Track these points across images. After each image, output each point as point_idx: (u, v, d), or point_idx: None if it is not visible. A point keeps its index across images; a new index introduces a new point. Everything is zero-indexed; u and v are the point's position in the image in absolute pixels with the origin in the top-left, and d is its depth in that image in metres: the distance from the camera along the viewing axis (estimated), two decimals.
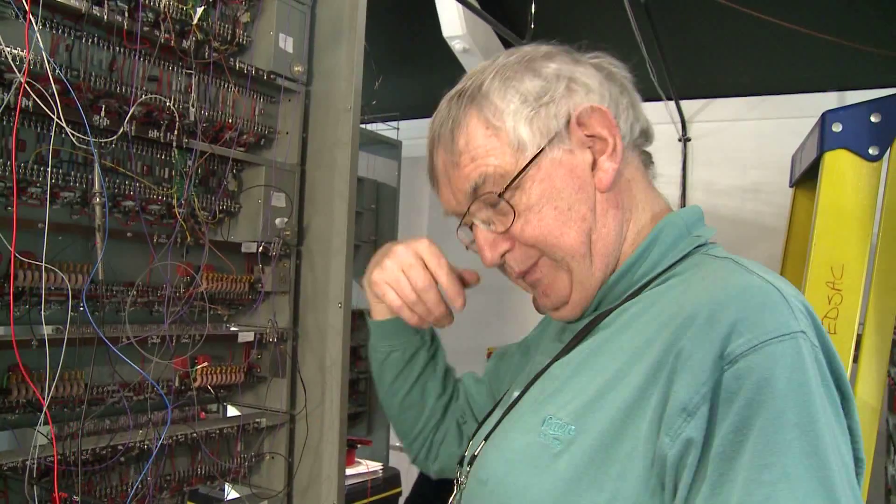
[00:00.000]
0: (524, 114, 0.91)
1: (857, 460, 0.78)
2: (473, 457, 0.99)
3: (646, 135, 1.00)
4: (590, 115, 0.92)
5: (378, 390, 1.35)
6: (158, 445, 1.64)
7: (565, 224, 0.91)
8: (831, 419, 0.73)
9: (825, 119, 1.81)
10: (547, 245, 0.93)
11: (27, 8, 1.34)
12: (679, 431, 0.75)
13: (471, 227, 1.00)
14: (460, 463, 1.08)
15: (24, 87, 1.35)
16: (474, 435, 1.10)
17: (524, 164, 0.91)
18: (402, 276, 1.13)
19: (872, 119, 1.75)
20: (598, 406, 0.83)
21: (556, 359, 0.96)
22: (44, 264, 1.41)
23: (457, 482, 1.05)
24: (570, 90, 0.93)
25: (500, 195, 0.92)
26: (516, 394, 1.01)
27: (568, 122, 0.92)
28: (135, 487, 1.66)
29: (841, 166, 1.77)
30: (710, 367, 0.74)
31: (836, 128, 1.77)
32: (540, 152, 0.91)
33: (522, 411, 0.96)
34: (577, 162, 0.92)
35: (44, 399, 1.43)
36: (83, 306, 1.54)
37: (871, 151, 1.74)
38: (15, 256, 1.32)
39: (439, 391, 1.30)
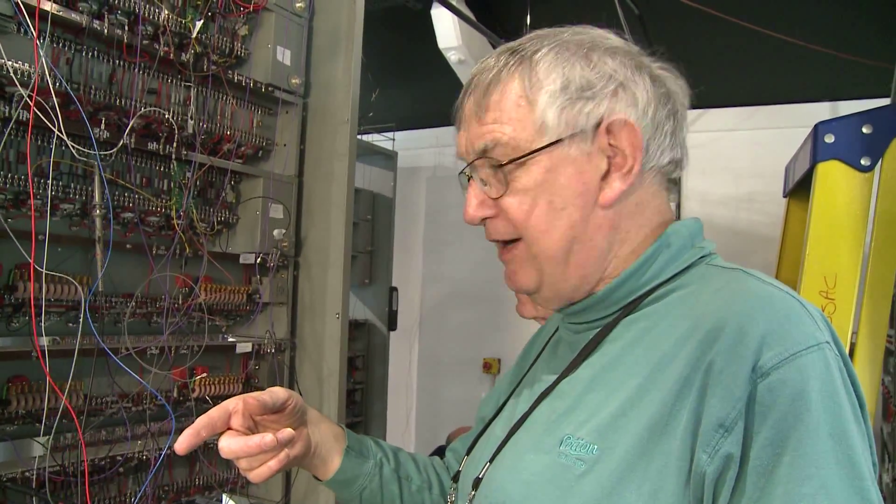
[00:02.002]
0: (560, 100, 0.88)
1: (873, 465, 0.78)
2: (478, 479, 0.96)
3: (676, 164, 0.97)
4: (621, 127, 0.88)
5: None
6: (162, 456, 1.65)
7: (552, 222, 0.89)
8: (860, 428, 0.74)
9: (818, 130, 1.83)
10: (527, 235, 0.91)
11: (33, 24, 1.35)
12: (717, 448, 0.74)
13: (469, 178, 0.97)
14: (455, 479, 1.06)
15: (27, 101, 1.37)
16: (468, 452, 1.06)
17: (538, 147, 0.88)
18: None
19: (864, 130, 1.77)
20: (622, 424, 0.81)
21: (564, 375, 0.93)
22: (44, 273, 1.42)
23: (449, 499, 1.03)
24: (616, 95, 0.89)
25: (502, 165, 0.89)
26: (520, 411, 0.97)
27: (598, 125, 0.88)
28: (133, 498, 1.66)
29: (833, 177, 1.78)
30: (743, 381, 0.73)
31: (829, 139, 1.79)
32: (557, 142, 0.88)
33: (534, 431, 0.92)
34: (590, 168, 0.89)
35: (43, 410, 1.44)
36: (83, 317, 1.55)
37: (863, 162, 1.76)
38: (33, 268, 1.33)
39: (426, 490, 1.19)
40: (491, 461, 0.96)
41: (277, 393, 0.99)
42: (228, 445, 0.94)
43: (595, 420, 0.84)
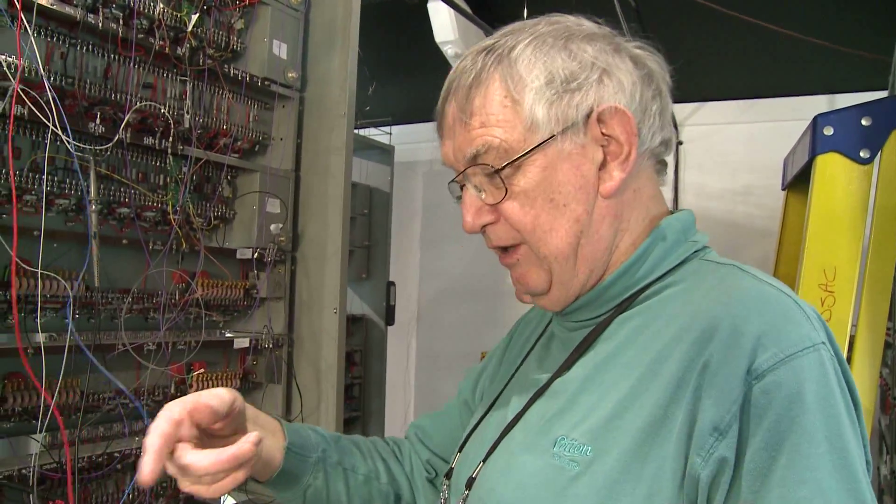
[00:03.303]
0: (546, 95, 0.85)
1: (867, 464, 0.77)
2: (472, 479, 0.94)
3: (666, 144, 0.94)
4: (612, 115, 0.86)
5: None
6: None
7: (556, 220, 0.87)
8: (855, 430, 0.74)
9: (816, 123, 1.82)
10: (533, 237, 0.88)
11: (28, 18, 1.34)
12: (711, 451, 0.73)
13: (462, 187, 0.94)
14: (447, 476, 1.04)
15: (19, 95, 1.35)
16: (461, 449, 1.04)
17: (531, 146, 0.85)
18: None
19: (863, 122, 1.76)
20: (616, 426, 0.80)
21: (557, 375, 0.91)
22: (40, 271, 1.41)
23: (442, 496, 1.01)
24: (601, 83, 0.87)
25: (498, 171, 0.86)
26: (513, 410, 0.96)
27: (588, 115, 0.86)
28: (129, 494, 1.65)
29: (832, 169, 1.77)
30: (738, 383, 0.73)
31: (828, 131, 1.78)
32: (550, 139, 0.85)
33: (528, 431, 0.91)
34: (586, 160, 0.87)
35: (39, 406, 1.43)
36: (79, 313, 1.54)
37: (862, 154, 1.75)
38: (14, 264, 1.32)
39: (374, 478, 1.13)
40: (484, 461, 0.94)
41: (223, 396, 0.85)
42: (200, 462, 0.78)
43: (589, 421, 0.82)
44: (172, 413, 0.79)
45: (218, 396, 0.84)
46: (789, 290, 0.80)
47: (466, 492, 0.94)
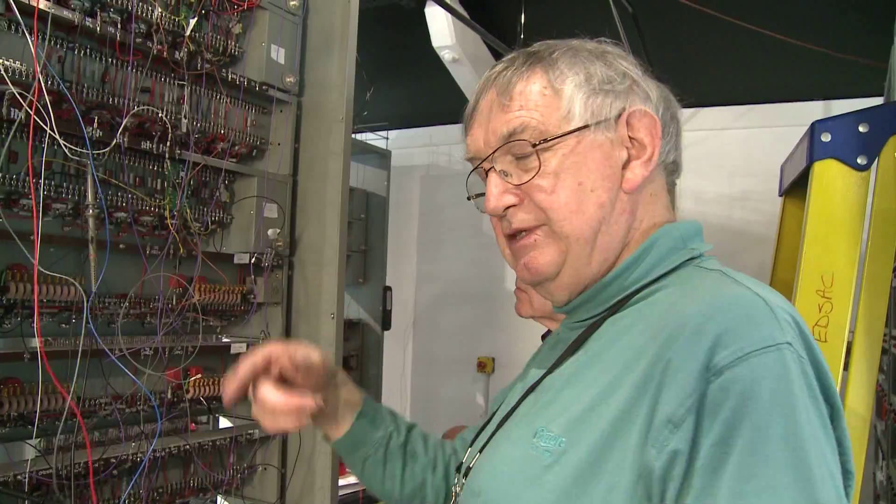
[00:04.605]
0: (585, 89, 0.92)
1: (846, 472, 0.78)
2: (469, 468, 0.99)
3: (676, 166, 1.01)
4: (641, 118, 0.93)
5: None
6: (148, 457, 1.63)
7: (583, 202, 0.91)
8: (818, 431, 0.74)
9: (814, 129, 1.82)
10: (558, 216, 0.92)
11: (28, 21, 1.33)
12: (665, 443, 0.75)
13: (485, 176, 0.98)
14: (458, 470, 1.08)
15: (19, 100, 1.35)
16: (472, 444, 1.09)
17: (567, 131, 0.91)
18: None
19: (860, 129, 1.76)
20: (588, 419, 0.83)
21: (550, 371, 0.96)
22: (36, 275, 1.41)
23: (453, 491, 1.05)
24: (632, 91, 0.95)
25: (534, 146, 0.91)
26: (510, 404, 1.01)
27: (619, 116, 0.93)
28: (124, 499, 1.65)
29: (830, 176, 1.78)
30: (695, 378, 0.74)
31: (825, 138, 1.79)
32: (584, 127, 0.91)
33: (515, 423, 0.96)
34: (613, 154, 0.93)
35: (35, 412, 1.42)
36: (76, 318, 1.54)
37: (859, 161, 1.76)
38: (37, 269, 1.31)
39: (430, 469, 1.20)
40: (481, 451, 0.99)
41: (313, 357, 1.03)
42: (270, 398, 0.99)
43: (567, 414, 0.86)
44: (270, 351, 1.00)
45: (309, 355, 1.02)
46: (773, 294, 0.82)
47: (463, 480, 1.00)
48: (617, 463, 0.78)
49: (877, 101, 3.10)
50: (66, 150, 1.45)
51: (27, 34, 1.38)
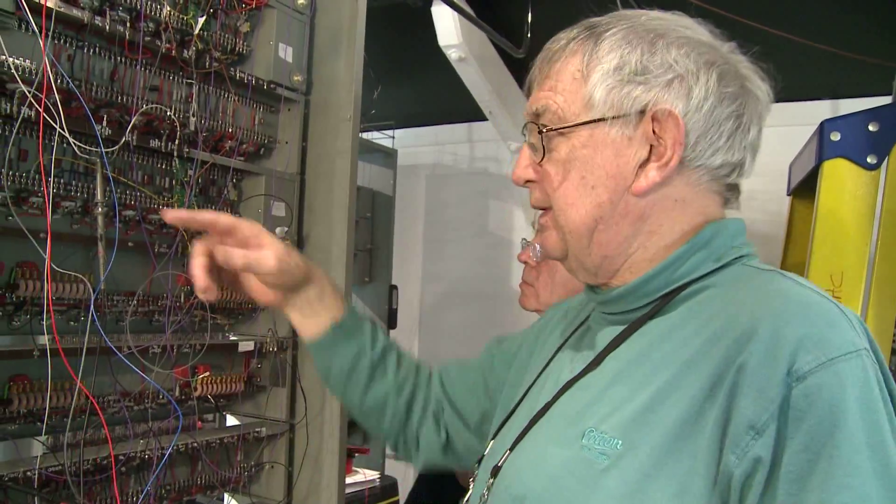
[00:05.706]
0: (609, 80, 0.88)
1: None
2: (498, 467, 0.95)
3: (733, 168, 0.94)
4: (666, 118, 0.87)
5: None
6: (167, 454, 1.63)
7: (580, 198, 0.90)
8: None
9: (823, 128, 1.82)
10: (556, 206, 0.92)
11: (37, 20, 1.33)
12: (747, 449, 0.73)
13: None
14: (478, 462, 1.04)
15: (30, 98, 1.35)
16: (494, 436, 1.05)
17: (581, 121, 0.89)
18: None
19: (870, 128, 1.76)
20: (648, 420, 0.80)
21: (590, 368, 0.92)
22: (48, 271, 1.41)
23: (482, 494, 0.98)
24: (669, 85, 0.88)
25: (546, 131, 0.91)
26: (543, 401, 0.96)
27: (642, 111, 0.87)
28: (133, 496, 1.65)
29: (839, 175, 1.77)
30: (777, 383, 0.72)
31: (835, 137, 1.78)
32: (599, 120, 0.89)
33: (555, 422, 0.92)
34: (628, 153, 0.89)
35: (45, 409, 1.43)
36: (84, 316, 1.54)
37: (869, 160, 1.75)
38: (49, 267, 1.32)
39: (394, 392, 1.22)
40: (511, 449, 0.95)
41: (267, 259, 1.08)
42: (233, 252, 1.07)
43: (619, 414, 0.83)
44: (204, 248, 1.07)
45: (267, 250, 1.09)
46: (830, 296, 0.80)
47: (492, 480, 0.95)
48: (686, 468, 0.76)
49: (884, 99, 3.08)
50: (76, 149, 1.45)
51: (37, 33, 1.38)
